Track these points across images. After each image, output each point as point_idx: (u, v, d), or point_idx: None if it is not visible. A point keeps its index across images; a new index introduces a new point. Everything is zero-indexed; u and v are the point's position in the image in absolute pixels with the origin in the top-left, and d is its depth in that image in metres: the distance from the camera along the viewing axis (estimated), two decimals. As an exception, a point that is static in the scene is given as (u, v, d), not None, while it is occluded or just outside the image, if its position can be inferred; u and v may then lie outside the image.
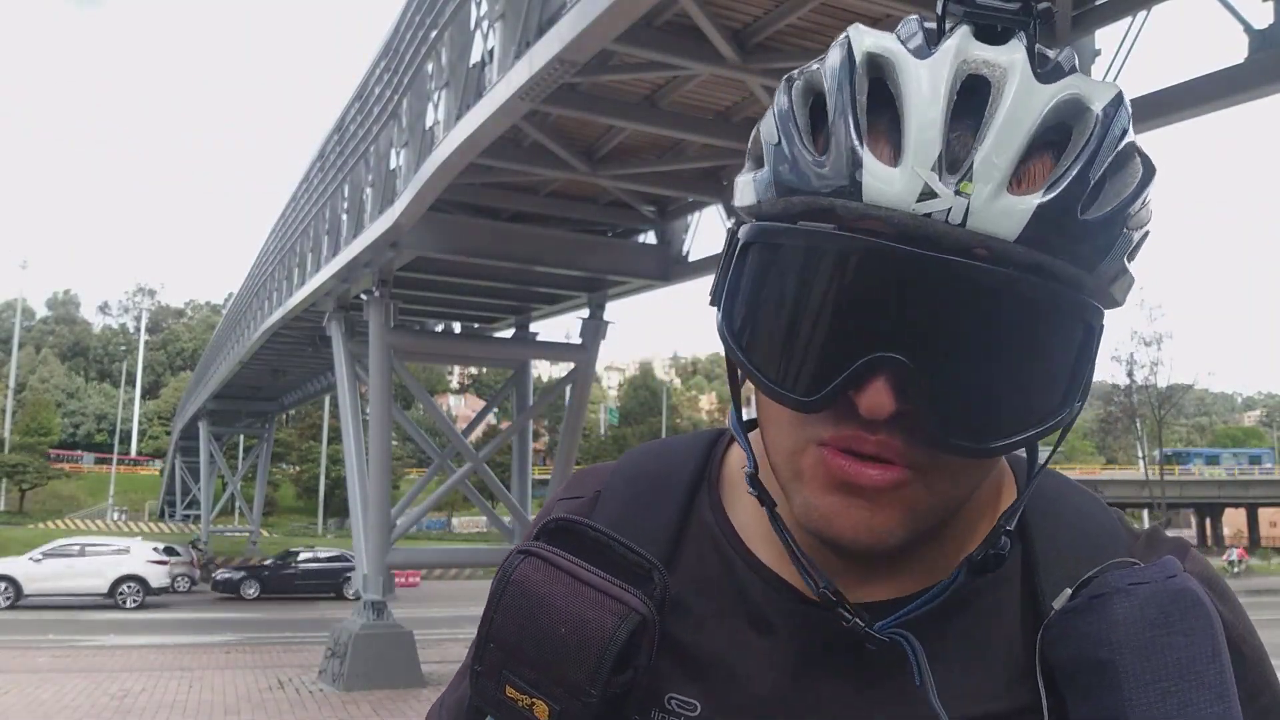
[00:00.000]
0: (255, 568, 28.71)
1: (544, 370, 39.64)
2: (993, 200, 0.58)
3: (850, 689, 0.70)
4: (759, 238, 0.66)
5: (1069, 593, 0.68)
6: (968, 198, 0.58)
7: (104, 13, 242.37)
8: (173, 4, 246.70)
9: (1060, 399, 0.63)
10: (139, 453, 68.71)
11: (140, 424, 70.51)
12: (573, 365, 14.95)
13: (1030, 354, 0.61)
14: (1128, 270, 0.64)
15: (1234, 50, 6.23)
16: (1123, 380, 38.13)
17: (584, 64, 6.91)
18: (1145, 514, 56.62)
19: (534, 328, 15.96)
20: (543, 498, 6.74)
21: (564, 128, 9.87)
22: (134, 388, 68.25)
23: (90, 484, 59.74)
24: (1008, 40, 0.62)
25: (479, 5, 8.80)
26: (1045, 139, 0.60)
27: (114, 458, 60.95)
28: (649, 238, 12.98)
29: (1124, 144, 0.62)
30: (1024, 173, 0.60)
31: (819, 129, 0.65)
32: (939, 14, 0.63)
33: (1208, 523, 59.56)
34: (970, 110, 0.60)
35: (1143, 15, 6.58)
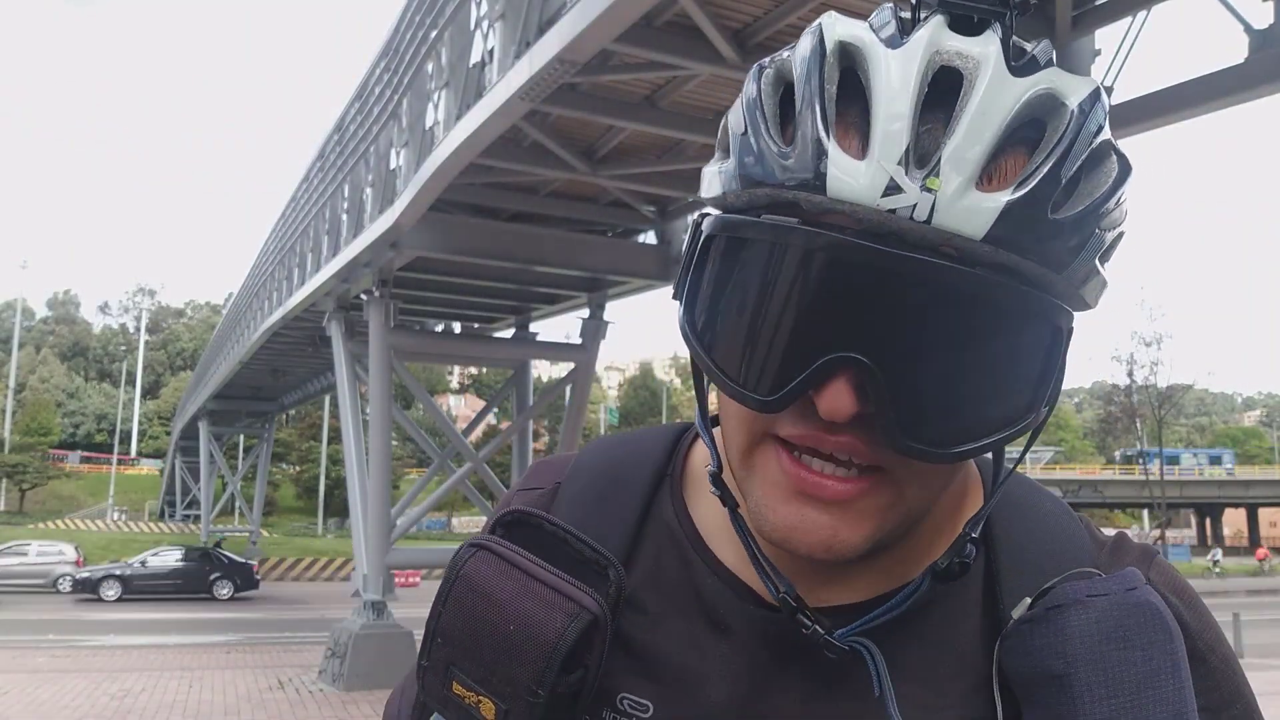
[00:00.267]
0: (116, 568, 27.93)
1: (544, 370, 39.55)
2: (960, 197, 0.56)
3: (807, 697, 0.69)
4: (722, 230, 0.64)
5: (1028, 602, 0.66)
6: (934, 194, 0.56)
7: (104, 12, 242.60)
8: (173, 3, 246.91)
9: (1027, 403, 0.61)
10: (139, 452, 68.67)
11: (140, 424, 70.50)
12: (573, 365, 14.92)
13: (996, 356, 0.59)
14: (1100, 272, 0.61)
15: (1234, 50, 6.23)
16: (1123, 380, 38.08)
17: (584, 64, 6.89)
18: (1145, 514, 56.67)
19: (534, 328, 15.94)
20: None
21: (564, 128, 9.86)
22: (134, 388, 68.27)
23: (90, 484, 59.62)
24: (983, 31, 0.59)
25: (479, 5, 8.79)
26: (1018, 135, 0.58)
27: (114, 458, 60.89)
28: (649, 238, 12.96)
29: (1099, 141, 0.60)
30: (995, 169, 0.58)
31: (788, 119, 0.63)
32: (913, 3, 0.61)
33: (1208, 523, 59.59)
34: (942, 103, 0.58)
35: (1143, 15, 6.57)
